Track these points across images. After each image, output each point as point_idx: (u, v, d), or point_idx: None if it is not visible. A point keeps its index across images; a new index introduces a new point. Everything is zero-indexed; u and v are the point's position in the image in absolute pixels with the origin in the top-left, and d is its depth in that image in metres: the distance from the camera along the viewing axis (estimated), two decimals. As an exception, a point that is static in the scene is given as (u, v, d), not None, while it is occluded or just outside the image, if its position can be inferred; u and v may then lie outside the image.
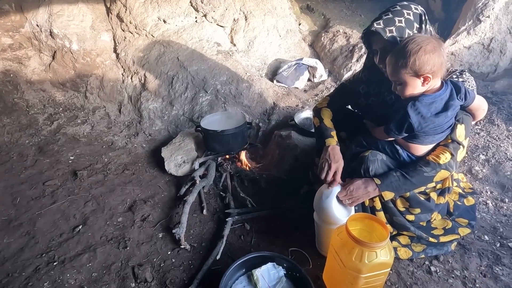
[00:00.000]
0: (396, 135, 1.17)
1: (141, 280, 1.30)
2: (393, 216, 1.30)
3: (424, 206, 1.29)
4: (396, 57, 1.07)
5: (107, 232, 1.57)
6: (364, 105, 1.43)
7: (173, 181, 2.00)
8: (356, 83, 1.46)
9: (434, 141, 1.19)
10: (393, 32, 1.14)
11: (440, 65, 1.05)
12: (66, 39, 2.78)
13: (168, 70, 2.73)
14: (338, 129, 1.47)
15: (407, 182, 1.19)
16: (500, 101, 2.48)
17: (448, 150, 1.18)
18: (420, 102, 1.08)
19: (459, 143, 1.18)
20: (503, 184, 1.82)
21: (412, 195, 1.26)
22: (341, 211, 1.25)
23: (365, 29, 1.23)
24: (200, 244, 1.51)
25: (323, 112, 1.50)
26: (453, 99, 1.10)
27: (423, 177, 1.19)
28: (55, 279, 1.30)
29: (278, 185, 1.92)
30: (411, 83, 1.08)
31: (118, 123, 2.69)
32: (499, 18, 2.71)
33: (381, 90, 1.35)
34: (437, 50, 1.04)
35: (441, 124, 1.12)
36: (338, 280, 1.16)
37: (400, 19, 1.14)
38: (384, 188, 1.20)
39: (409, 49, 1.03)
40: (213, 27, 3.07)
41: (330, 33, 3.48)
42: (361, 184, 1.23)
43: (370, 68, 1.37)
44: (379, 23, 1.15)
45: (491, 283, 1.26)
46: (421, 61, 1.02)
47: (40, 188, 1.87)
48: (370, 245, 1.02)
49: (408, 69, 1.04)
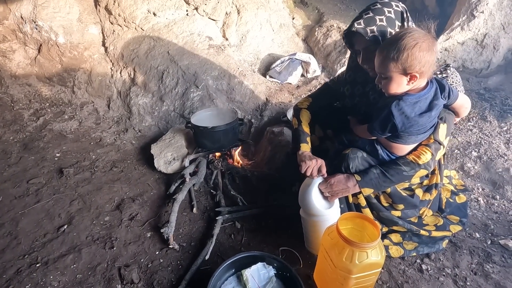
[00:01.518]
0: (380, 134, 1.15)
1: (127, 281, 1.27)
2: (379, 212, 1.30)
3: (407, 202, 1.29)
4: (388, 49, 1.01)
5: (93, 231, 1.52)
6: (350, 107, 1.41)
7: (162, 179, 1.96)
8: (341, 84, 1.44)
9: (417, 141, 1.18)
10: (374, 32, 1.10)
11: (430, 66, 1.01)
12: (52, 32, 2.69)
13: (158, 65, 2.67)
14: (324, 127, 1.48)
15: (386, 180, 1.20)
16: (492, 97, 2.48)
17: (429, 150, 1.16)
18: (404, 101, 1.05)
19: (440, 143, 1.17)
20: (494, 181, 1.82)
21: (394, 191, 1.27)
22: (322, 203, 1.25)
23: (345, 30, 1.19)
24: (189, 243, 1.47)
25: (302, 114, 1.50)
26: (437, 98, 1.08)
27: (402, 175, 1.19)
28: (38, 281, 1.26)
29: (269, 182, 1.89)
30: (397, 80, 1.04)
31: (106, 119, 2.62)
32: (493, 14, 2.70)
33: (366, 90, 1.33)
34: (431, 49, 1.00)
35: (425, 124, 1.10)
36: (328, 280, 1.14)
37: (381, 18, 1.10)
38: (363, 184, 1.21)
39: (404, 43, 0.98)
40: (205, 20, 3.00)
41: (324, 28, 3.44)
42: (342, 178, 1.24)
43: (354, 68, 1.33)
44: (360, 23, 1.11)
45: (482, 281, 1.25)
46: (413, 58, 0.97)
47: (24, 186, 1.81)
48: (361, 245, 1.00)
49: (398, 64, 1.00)
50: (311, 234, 1.31)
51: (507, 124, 2.19)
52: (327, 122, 1.51)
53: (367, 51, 1.15)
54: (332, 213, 1.24)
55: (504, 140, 2.07)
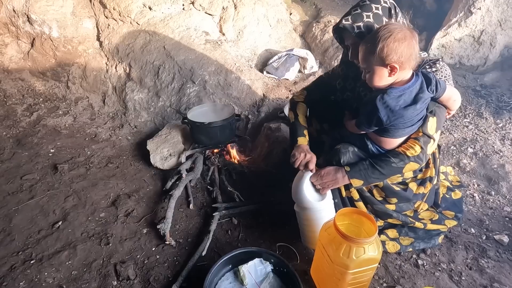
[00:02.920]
0: (366, 128, 1.16)
1: (123, 277, 1.26)
2: (373, 205, 1.31)
3: (400, 196, 1.29)
4: (366, 43, 1.06)
5: (89, 228, 1.51)
6: (340, 100, 1.43)
7: (158, 175, 1.94)
8: (334, 77, 1.46)
9: (404, 134, 1.18)
10: (361, 28, 1.12)
11: (409, 56, 1.02)
12: (45, 26, 2.64)
13: (154, 60, 2.63)
14: (321, 121, 1.49)
15: (375, 171, 1.19)
16: (488, 94, 2.49)
17: (418, 143, 1.17)
18: (388, 95, 1.06)
19: (430, 136, 1.17)
20: (489, 177, 1.84)
21: (386, 185, 1.27)
22: (314, 195, 1.27)
23: (334, 25, 1.22)
24: (186, 239, 1.46)
25: (299, 107, 1.51)
26: (423, 91, 1.08)
27: (391, 167, 1.19)
28: (32, 278, 1.25)
29: (266, 178, 1.88)
30: (378, 72, 1.06)
31: (102, 114, 2.59)
32: (490, 10, 2.70)
33: (357, 84, 1.35)
34: (408, 39, 1.00)
35: (411, 117, 1.10)
36: (325, 275, 1.14)
37: (368, 14, 1.12)
38: (352, 175, 1.22)
39: (379, 35, 1.01)
40: (201, 15, 2.96)
41: (321, 24, 3.42)
42: (332, 170, 1.25)
43: (347, 63, 1.35)
44: (348, 19, 1.14)
45: (477, 276, 1.26)
46: (388, 48, 0.99)
47: (18, 182, 1.79)
48: (358, 240, 1.00)
49: (375, 56, 1.02)
50: (305, 228, 1.31)
51: (503, 121, 2.20)
52: (323, 116, 1.51)
53: (355, 46, 1.17)
54: (324, 205, 1.24)
55: (500, 137, 2.08)
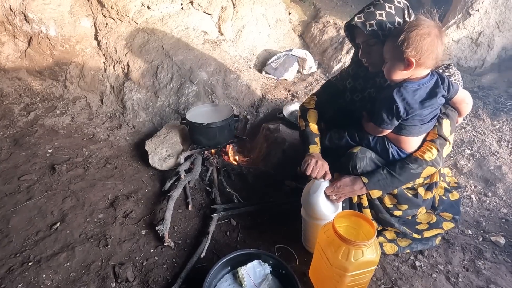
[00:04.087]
0: (387, 124, 1.14)
1: (122, 279, 1.26)
2: (378, 213, 1.30)
3: (412, 202, 1.30)
4: (392, 34, 1.06)
5: (87, 229, 1.50)
6: (349, 100, 1.41)
7: (157, 176, 1.94)
8: (343, 78, 1.45)
9: (421, 132, 1.18)
10: (373, 26, 1.12)
11: (429, 54, 1.01)
12: (43, 24, 2.61)
13: (153, 59, 2.62)
14: (329, 127, 1.46)
15: (394, 179, 1.19)
16: (486, 95, 2.51)
17: (434, 146, 1.18)
18: (404, 88, 1.07)
19: (446, 138, 1.19)
20: (486, 178, 1.85)
21: (400, 192, 1.26)
22: (328, 207, 1.23)
23: (346, 22, 1.22)
24: (185, 241, 1.47)
25: (309, 114, 1.49)
26: (438, 87, 1.09)
27: (410, 174, 1.18)
28: (30, 280, 1.24)
29: (265, 179, 1.88)
30: (394, 64, 1.06)
31: (100, 114, 2.58)
32: (488, 12, 2.71)
33: (367, 85, 1.34)
34: (432, 37, 0.99)
35: (426, 113, 1.11)
36: (324, 277, 1.15)
37: (381, 13, 1.12)
38: (371, 186, 1.20)
39: (405, 26, 1.01)
40: (200, 14, 2.95)
41: (320, 24, 3.42)
42: (349, 182, 1.23)
43: (357, 62, 1.35)
44: (360, 17, 1.14)
45: (473, 277, 1.28)
46: (410, 41, 0.99)
47: (15, 183, 1.77)
48: (356, 243, 1.00)
49: (395, 46, 1.02)
50: (312, 235, 1.30)
51: (500, 123, 2.22)
52: (332, 121, 1.49)
53: (366, 44, 1.18)
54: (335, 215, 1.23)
55: (497, 138, 2.10)
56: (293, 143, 2.00)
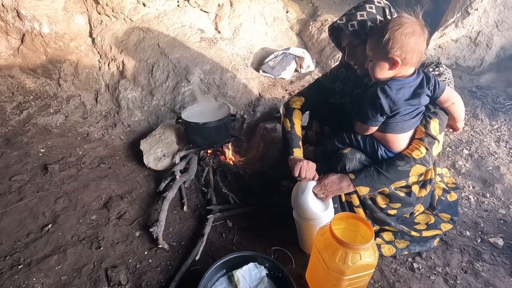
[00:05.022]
0: (371, 121, 1.13)
1: (114, 283, 1.23)
2: (373, 212, 1.30)
3: (404, 201, 1.29)
4: (375, 32, 1.06)
5: (79, 231, 1.47)
6: (339, 103, 1.40)
7: (152, 176, 1.91)
8: (332, 80, 1.44)
9: (406, 129, 1.17)
10: (354, 26, 1.13)
11: (414, 53, 1.00)
12: (36, 21, 2.57)
13: (148, 57, 2.58)
14: (322, 124, 1.46)
15: (381, 176, 1.18)
16: (484, 95, 2.49)
17: (423, 144, 1.17)
18: (388, 86, 1.06)
19: (434, 137, 1.17)
20: (484, 179, 1.84)
21: (392, 192, 1.26)
22: (319, 206, 1.23)
23: (329, 26, 1.24)
24: (180, 243, 1.44)
25: (295, 115, 1.47)
26: (422, 87, 1.08)
27: (397, 171, 1.17)
28: (20, 283, 1.21)
29: (262, 180, 1.86)
30: (380, 63, 1.05)
31: (94, 113, 2.54)
32: (487, 11, 2.70)
33: (356, 88, 1.34)
34: (416, 35, 0.99)
35: (409, 111, 1.10)
36: (321, 280, 1.13)
37: (361, 13, 1.14)
38: (358, 183, 1.20)
39: (389, 26, 1.00)
40: (197, 12, 2.91)
41: (318, 22, 3.39)
42: (336, 179, 1.23)
43: (346, 66, 1.35)
44: (342, 19, 1.17)
45: (472, 279, 1.26)
46: (394, 41, 0.98)
47: (6, 183, 1.74)
48: (354, 246, 0.98)
49: (380, 46, 1.01)
50: (306, 236, 1.29)
51: (498, 123, 2.21)
52: (325, 118, 1.48)
53: (351, 46, 1.19)
54: (327, 215, 1.22)
55: (495, 138, 2.08)
56: (290, 143, 1.98)
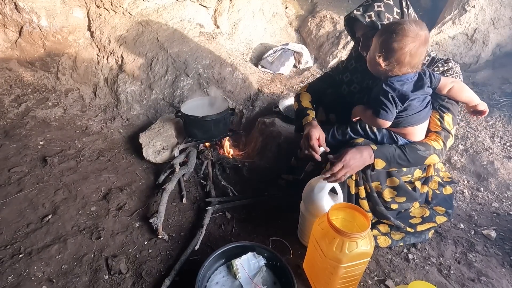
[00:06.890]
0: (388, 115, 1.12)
1: (115, 271, 1.24)
2: (375, 206, 1.31)
3: (410, 195, 1.32)
4: (382, 29, 1.10)
5: (79, 222, 1.48)
6: (346, 92, 1.42)
7: (151, 169, 1.92)
8: (341, 71, 1.46)
9: (421, 120, 1.20)
10: (372, 17, 1.15)
11: (410, 61, 1.05)
12: (34, 14, 2.55)
13: (147, 51, 2.58)
14: (328, 111, 1.49)
15: (401, 156, 1.19)
16: (480, 92, 2.52)
17: (440, 137, 1.21)
18: (391, 82, 1.11)
19: (449, 131, 1.22)
20: (479, 173, 1.87)
21: (401, 184, 1.29)
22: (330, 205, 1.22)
23: (346, 16, 1.24)
24: (179, 233, 1.46)
25: (302, 96, 1.53)
26: (422, 79, 1.13)
27: (417, 155, 1.20)
28: (21, 272, 1.22)
29: (260, 173, 1.88)
30: (373, 56, 1.10)
31: (93, 106, 2.54)
32: (483, 9, 2.72)
33: (365, 79, 1.35)
34: (417, 43, 1.03)
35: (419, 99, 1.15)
36: (318, 269, 1.15)
37: (379, 4, 1.15)
38: (378, 154, 1.18)
39: (393, 28, 1.04)
40: (196, 7, 2.91)
41: (317, 18, 3.40)
42: (356, 152, 1.16)
43: (356, 57, 1.37)
44: (359, 10, 1.18)
45: (465, 270, 1.29)
46: (394, 46, 1.03)
47: (5, 175, 1.74)
48: (351, 235, 1.00)
49: (380, 44, 1.06)
50: (309, 230, 1.28)
51: (493, 119, 2.24)
52: (330, 106, 1.49)
53: (366, 37, 1.20)
54: None
55: (490, 134, 2.12)
56: (288, 137, 2.00)
